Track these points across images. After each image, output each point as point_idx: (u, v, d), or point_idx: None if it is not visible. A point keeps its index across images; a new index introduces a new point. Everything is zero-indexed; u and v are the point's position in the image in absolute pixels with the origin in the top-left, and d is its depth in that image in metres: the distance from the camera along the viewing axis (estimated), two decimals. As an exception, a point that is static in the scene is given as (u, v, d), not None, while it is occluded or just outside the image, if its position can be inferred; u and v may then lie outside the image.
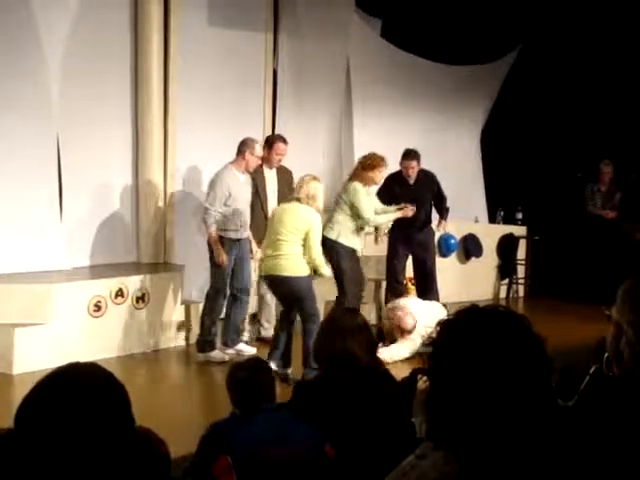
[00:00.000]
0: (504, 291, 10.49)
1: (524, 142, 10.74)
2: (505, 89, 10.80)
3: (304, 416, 3.40)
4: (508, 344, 1.62)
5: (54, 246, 7.43)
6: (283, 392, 3.73)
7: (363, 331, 3.82)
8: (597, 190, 10.36)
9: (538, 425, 1.60)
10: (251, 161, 6.90)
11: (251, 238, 7.24)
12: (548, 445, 1.62)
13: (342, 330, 3.73)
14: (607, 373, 2.18)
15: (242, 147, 6.90)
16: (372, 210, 7.33)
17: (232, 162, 6.94)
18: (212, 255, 6.90)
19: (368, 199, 7.33)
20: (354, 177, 7.37)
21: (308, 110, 9.44)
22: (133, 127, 8.12)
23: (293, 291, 6.30)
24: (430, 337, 1.69)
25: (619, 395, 2.04)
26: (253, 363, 3.65)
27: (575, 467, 1.79)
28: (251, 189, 7.22)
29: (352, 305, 7.34)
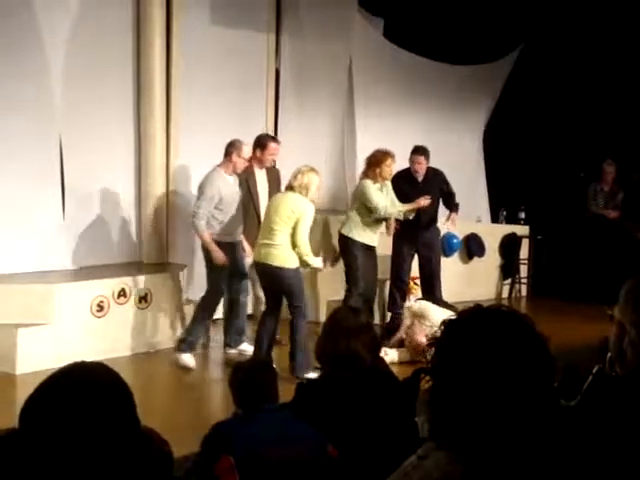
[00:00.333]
0: (507, 291, 10.48)
1: (526, 142, 10.73)
2: (507, 88, 10.79)
3: (306, 416, 3.41)
4: (511, 344, 1.62)
5: (57, 246, 7.44)
6: (285, 392, 3.73)
7: (366, 331, 3.82)
8: (600, 190, 10.35)
9: (541, 425, 1.60)
10: (239, 163, 6.84)
11: (243, 239, 7.19)
12: (551, 445, 1.62)
13: (346, 330, 3.72)
14: (610, 373, 2.18)
15: (229, 149, 6.85)
16: (383, 201, 7.49)
17: (220, 164, 6.88)
18: (207, 259, 6.85)
19: (379, 193, 7.53)
20: (364, 175, 7.64)
21: (310, 110, 9.44)
22: (135, 129, 8.11)
23: (280, 282, 6.38)
24: (434, 337, 1.69)
25: (622, 395, 2.04)
26: (255, 363, 3.66)
27: (578, 467, 1.79)
28: (241, 190, 7.15)
29: (358, 302, 7.40)
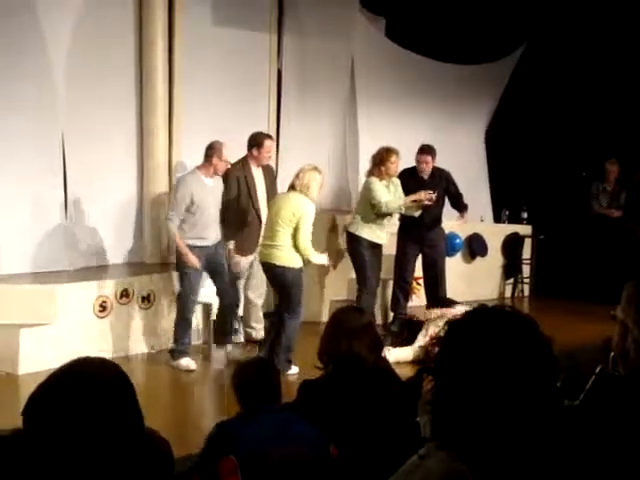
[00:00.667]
0: (509, 290, 10.46)
1: (529, 141, 10.72)
2: (510, 88, 10.78)
3: (309, 416, 3.40)
4: (515, 344, 1.61)
5: (59, 246, 7.44)
6: (288, 391, 3.73)
7: (369, 331, 3.82)
8: (603, 189, 10.34)
9: (543, 425, 1.60)
10: (220, 165, 6.65)
11: (231, 244, 7.09)
12: (554, 445, 1.61)
13: (348, 330, 3.72)
14: (613, 372, 2.18)
15: (209, 151, 6.64)
16: (385, 196, 7.54)
17: (200, 167, 6.70)
18: (178, 262, 6.79)
19: (384, 190, 7.59)
20: (369, 173, 7.71)
21: (312, 110, 9.43)
22: (138, 129, 8.12)
23: (281, 280, 6.49)
24: (438, 337, 1.69)
25: (625, 394, 2.04)
26: (258, 363, 3.65)
27: (581, 466, 1.79)
28: (239, 190, 7.16)
29: (370, 301, 7.45)
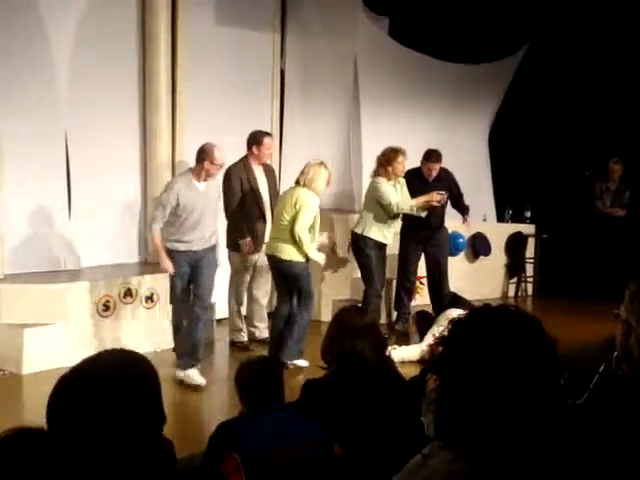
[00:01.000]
0: (513, 290, 10.46)
1: (532, 140, 10.71)
2: (513, 87, 10.76)
3: (312, 415, 3.41)
4: (519, 344, 1.61)
5: (63, 246, 7.45)
6: (291, 391, 3.73)
7: (372, 331, 3.82)
8: (606, 188, 10.33)
9: (547, 425, 1.60)
10: (212, 169, 6.35)
11: (241, 242, 6.96)
12: (557, 444, 1.61)
13: (351, 330, 3.73)
14: (616, 371, 2.18)
15: (201, 155, 6.35)
16: (395, 197, 7.53)
17: (192, 169, 6.46)
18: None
19: (392, 190, 7.57)
20: (376, 174, 7.66)
21: (315, 110, 9.43)
22: (141, 126, 8.13)
23: (288, 274, 6.64)
24: (442, 336, 1.69)
25: (628, 393, 2.04)
26: (262, 362, 3.65)
27: (584, 465, 1.79)
28: (244, 189, 7.14)
29: (377, 303, 7.46)
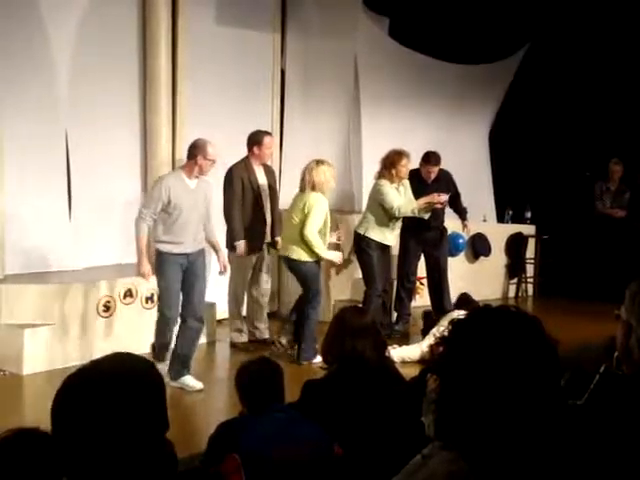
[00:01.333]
0: (513, 290, 10.47)
1: (532, 141, 10.71)
2: (513, 88, 10.77)
3: (313, 415, 3.41)
4: (519, 344, 1.61)
5: (63, 246, 7.45)
6: (291, 391, 3.72)
7: (372, 331, 3.82)
8: (606, 189, 10.33)
9: (547, 425, 1.60)
10: (205, 165, 6.06)
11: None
12: (557, 445, 1.61)
13: (352, 330, 3.73)
14: (617, 372, 2.18)
15: (193, 150, 6.07)
16: (398, 200, 7.56)
17: (183, 166, 6.20)
18: (155, 269, 6.13)
19: (395, 193, 7.60)
20: (380, 176, 7.69)
21: (315, 110, 9.43)
22: (141, 126, 8.13)
23: (297, 273, 6.97)
24: (442, 336, 1.69)
25: (629, 393, 2.04)
26: (262, 362, 3.65)
27: (585, 466, 1.79)
28: (249, 188, 7.12)
29: (377, 303, 7.47)
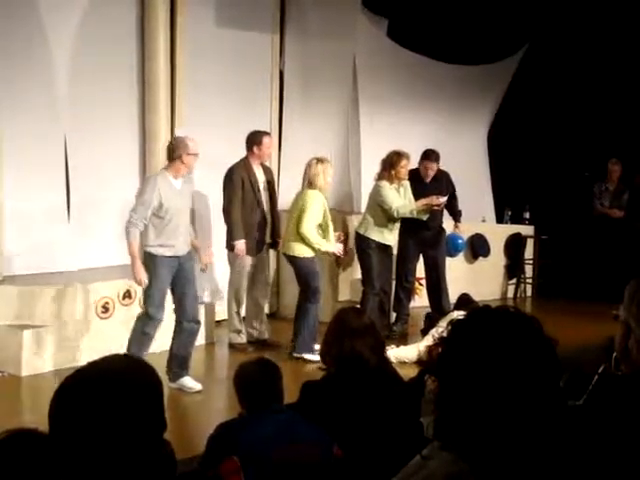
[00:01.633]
0: (512, 291, 10.45)
1: (531, 141, 10.71)
2: (512, 88, 10.77)
3: (312, 416, 3.40)
4: (518, 345, 1.61)
5: (61, 247, 7.44)
6: (290, 391, 3.72)
7: (370, 331, 3.82)
8: (605, 189, 10.33)
9: (547, 425, 1.60)
10: (189, 160, 5.95)
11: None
12: (557, 445, 1.61)
13: (350, 331, 3.72)
14: (616, 372, 2.18)
15: (175, 151, 5.92)
16: (397, 201, 7.60)
17: (167, 167, 6.02)
18: (149, 272, 6.00)
19: (395, 194, 7.65)
20: (380, 177, 7.72)
21: (314, 111, 9.43)
22: (140, 127, 8.13)
23: (294, 269, 7.18)
24: (441, 337, 1.69)
25: (628, 394, 2.04)
26: (261, 363, 3.64)
27: (584, 466, 1.79)
28: (246, 189, 7.11)
29: (374, 302, 7.49)
